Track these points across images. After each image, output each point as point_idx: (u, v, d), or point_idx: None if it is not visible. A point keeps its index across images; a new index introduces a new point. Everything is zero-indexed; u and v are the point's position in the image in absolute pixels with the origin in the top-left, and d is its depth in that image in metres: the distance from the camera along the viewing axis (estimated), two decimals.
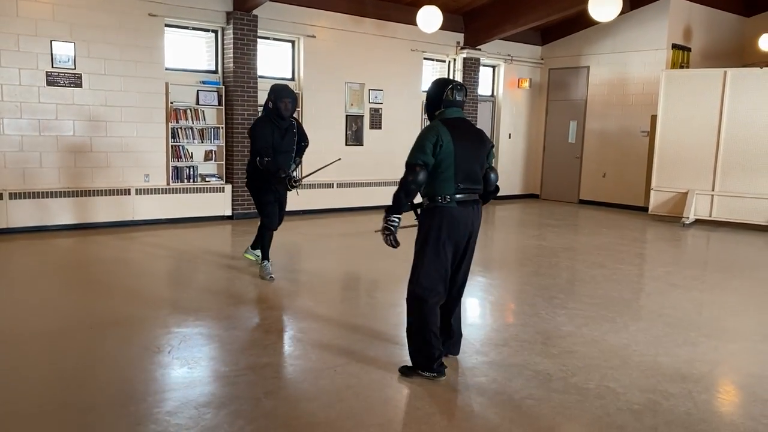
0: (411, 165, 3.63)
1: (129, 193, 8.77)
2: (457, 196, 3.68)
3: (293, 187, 5.86)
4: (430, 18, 9.62)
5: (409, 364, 3.83)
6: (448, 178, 3.65)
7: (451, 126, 3.69)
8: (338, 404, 3.40)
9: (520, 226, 10.34)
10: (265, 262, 6.07)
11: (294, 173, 5.98)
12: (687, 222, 10.46)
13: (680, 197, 10.77)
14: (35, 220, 8.06)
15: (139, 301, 5.34)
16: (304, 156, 6.27)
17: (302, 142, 6.10)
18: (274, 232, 6.11)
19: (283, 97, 5.74)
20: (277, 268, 6.21)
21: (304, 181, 6.34)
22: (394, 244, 3.75)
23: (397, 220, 3.71)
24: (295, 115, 6.03)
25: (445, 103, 3.78)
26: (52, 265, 6.70)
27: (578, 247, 8.50)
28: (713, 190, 10.49)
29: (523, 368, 3.96)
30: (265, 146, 5.70)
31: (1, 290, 5.63)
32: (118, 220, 8.68)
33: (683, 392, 3.67)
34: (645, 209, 11.52)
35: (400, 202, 3.67)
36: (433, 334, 3.70)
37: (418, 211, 3.84)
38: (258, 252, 6.35)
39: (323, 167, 6.45)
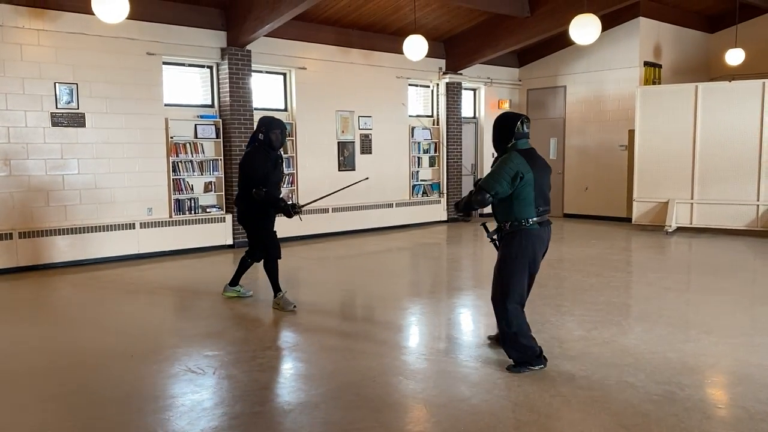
0: (484, 190, 4.12)
1: (133, 227, 8.97)
2: (537, 218, 4.17)
3: (296, 213, 5.96)
4: (415, 46, 10.01)
5: (512, 363, 4.31)
6: (529, 203, 4.15)
7: (527, 156, 4.15)
8: (386, 409, 3.68)
9: None
10: (280, 293, 6.04)
11: (291, 201, 6.16)
12: (670, 230, 10.95)
13: (662, 207, 11.28)
14: (44, 258, 8.21)
15: (166, 332, 5.58)
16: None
17: (282, 172, 6.29)
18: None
19: (274, 128, 5.87)
20: (290, 293, 6.46)
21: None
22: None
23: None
24: (287, 144, 6.20)
25: (517, 135, 4.20)
26: (71, 300, 6.88)
27: (572, 258, 8.88)
28: (692, 198, 11.02)
29: (546, 370, 4.28)
30: (264, 176, 5.79)
31: (26, 325, 5.81)
32: (123, 254, 8.86)
33: (695, 383, 4.02)
34: (628, 220, 12.02)
35: (468, 207, 4.31)
36: (530, 335, 4.32)
37: (495, 236, 4.35)
38: (238, 288, 6.50)
39: (349, 186, 7.07)
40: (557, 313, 5.74)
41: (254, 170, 5.82)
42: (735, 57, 11.59)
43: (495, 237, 4.39)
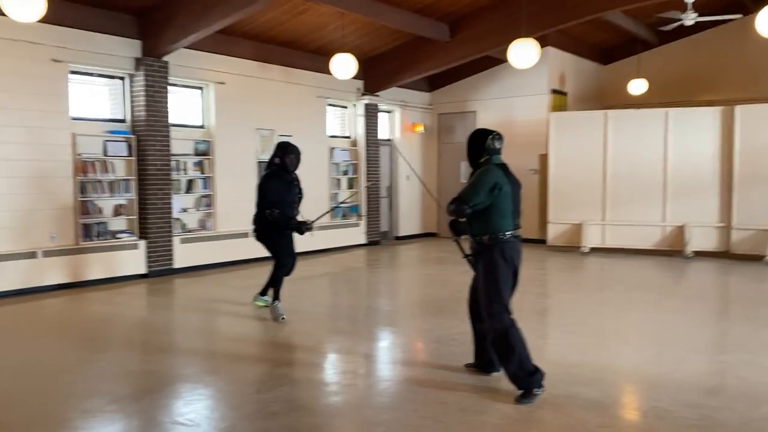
0: (461, 201, 3.97)
1: (35, 257, 7.83)
2: (513, 230, 4.06)
3: (307, 230, 6.35)
4: (343, 65, 9.69)
5: (518, 392, 4.01)
6: (506, 215, 4.03)
7: (504, 170, 4.07)
8: (405, 428, 3.28)
9: (436, 263, 10.57)
10: (277, 302, 6.41)
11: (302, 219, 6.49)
12: (585, 251, 11.33)
13: (575, 228, 11.67)
14: None
15: (100, 375, 4.78)
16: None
17: (299, 194, 6.59)
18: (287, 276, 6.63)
19: (290, 153, 6.38)
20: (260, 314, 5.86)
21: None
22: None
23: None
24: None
25: (489, 150, 4.10)
26: None
27: None
28: (603, 220, 11.49)
29: (570, 398, 4.05)
30: (278, 199, 6.24)
31: None
32: (23, 287, 7.69)
33: (724, 404, 3.95)
34: (541, 241, 12.31)
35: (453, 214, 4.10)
36: (528, 354, 4.02)
37: (467, 251, 4.22)
38: (266, 298, 6.82)
39: (341, 202, 7.62)
40: (536, 337, 5.47)
41: (267, 192, 6.31)
42: (638, 87, 12.35)
43: (470, 255, 4.24)
